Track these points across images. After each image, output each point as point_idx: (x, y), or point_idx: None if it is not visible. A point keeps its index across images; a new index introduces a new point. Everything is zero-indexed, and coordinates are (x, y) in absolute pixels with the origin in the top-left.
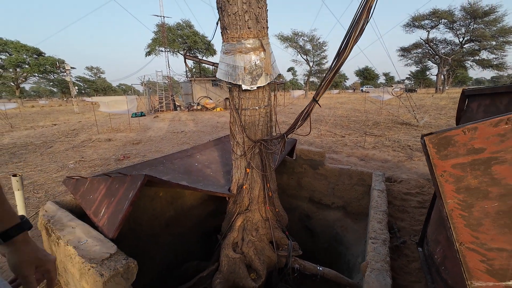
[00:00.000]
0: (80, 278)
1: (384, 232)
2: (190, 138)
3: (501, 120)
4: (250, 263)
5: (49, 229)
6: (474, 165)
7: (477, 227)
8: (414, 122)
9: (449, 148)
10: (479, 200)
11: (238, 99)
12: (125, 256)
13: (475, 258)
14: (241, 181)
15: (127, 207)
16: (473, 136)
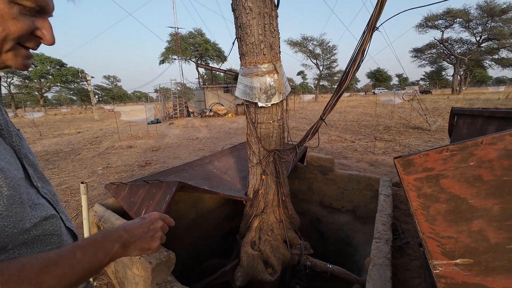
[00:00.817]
0: (131, 266)
1: (387, 233)
2: (205, 145)
3: (443, 149)
4: (267, 259)
5: (101, 227)
6: (428, 179)
7: (433, 222)
8: (426, 126)
9: (411, 167)
10: (433, 202)
11: (255, 114)
12: (166, 249)
13: (433, 243)
14: (257, 187)
15: (164, 209)
16: (426, 160)
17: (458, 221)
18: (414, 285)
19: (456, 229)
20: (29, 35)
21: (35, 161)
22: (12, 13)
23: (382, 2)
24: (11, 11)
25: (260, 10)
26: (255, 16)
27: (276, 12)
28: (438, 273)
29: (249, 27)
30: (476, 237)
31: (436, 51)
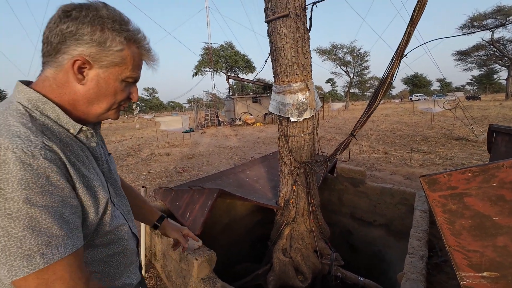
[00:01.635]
0: (179, 261)
1: (422, 249)
2: (235, 153)
3: (465, 170)
4: (298, 266)
5: None
6: (452, 196)
7: (459, 236)
8: (472, 137)
9: (436, 185)
10: (458, 218)
11: (287, 128)
12: (208, 249)
13: (460, 256)
14: (288, 196)
15: (207, 213)
16: (449, 179)
17: (483, 236)
18: None
19: (481, 244)
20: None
21: (117, 179)
22: (121, 88)
23: (410, 32)
24: (121, 87)
25: (293, 35)
26: (289, 40)
27: (308, 36)
28: (466, 284)
29: (283, 50)
30: (501, 252)
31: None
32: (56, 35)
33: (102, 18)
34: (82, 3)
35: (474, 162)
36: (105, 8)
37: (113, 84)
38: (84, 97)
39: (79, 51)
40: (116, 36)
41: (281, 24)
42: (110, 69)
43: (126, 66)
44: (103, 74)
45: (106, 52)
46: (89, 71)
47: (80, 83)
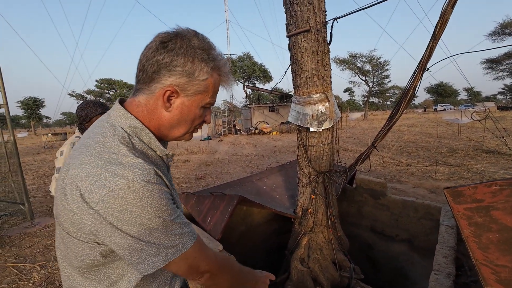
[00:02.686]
0: None
1: (449, 267)
2: (252, 162)
3: (492, 183)
4: (316, 277)
5: None
6: (478, 209)
7: (486, 250)
8: (505, 150)
9: (461, 198)
10: (485, 231)
11: (306, 138)
12: (229, 253)
13: (487, 271)
14: (306, 205)
15: (227, 218)
16: (474, 192)
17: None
18: None
19: (510, 259)
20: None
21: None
22: (200, 114)
23: (432, 47)
24: (199, 113)
25: (314, 49)
26: (309, 54)
27: (328, 49)
28: None
29: (304, 63)
30: None
31: None
32: (152, 65)
33: (194, 48)
34: (177, 32)
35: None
36: (196, 37)
37: (194, 111)
38: (168, 122)
39: (170, 81)
40: (204, 67)
41: (302, 38)
42: (194, 97)
43: (208, 93)
44: (187, 102)
45: (193, 82)
46: (176, 99)
47: (167, 110)
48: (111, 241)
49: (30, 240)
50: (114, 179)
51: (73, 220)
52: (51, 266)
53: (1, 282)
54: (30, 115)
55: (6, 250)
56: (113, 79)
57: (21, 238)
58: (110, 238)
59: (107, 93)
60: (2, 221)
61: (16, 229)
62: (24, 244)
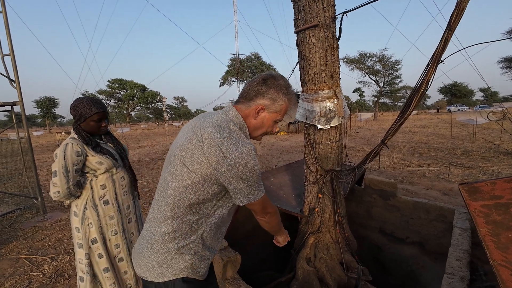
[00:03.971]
0: None
1: (463, 270)
2: (259, 161)
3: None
4: (322, 277)
5: None
6: (496, 206)
7: (505, 250)
8: None
9: (478, 194)
10: (504, 230)
11: (313, 135)
12: (233, 250)
13: (506, 272)
14: (313, 205)
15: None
16: (493, 188)
17: None
18: None
19: None
20: None
21: None
22: (272, 125)
23: (447, 38)
24: (272, 124)
25: (322, 44)
26: (318, 49)
27: (337, 44)
28: None
29: (312, 59)
30: None
31: None
32: (254, 91)
33: (280, 86)
34: (273, 74)
35: None
36: (282, 79)
37: (269, 123)
38: (253, 126)
39: (261, 102)
40: (283, 97)
41: (310, 34)
42: (272, 114)
43: (280, 113)
44: (268, 116)
45: (275, 104)
46: (261, 113)
47: (254, 119)
48: (229, 182)
49: (42, 233)
50: (243, 147)
51: (204, 165)
52: (61, 259)
53: (14, 273)
54: (45, 114)
55: (19, 242)
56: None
57: (34, 231)
58: (230, 181)
59: (118, 93)
60: (16, 214)
61: (30, 223)
62: (36, 237)
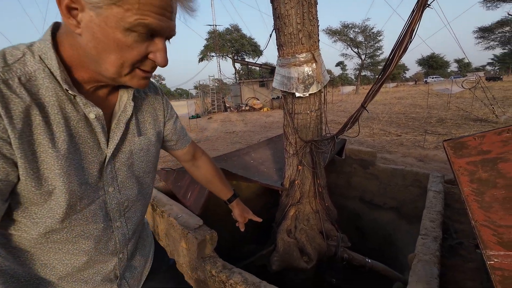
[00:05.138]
0: (180, 240)
1: (436, 230)
2: (241, 138)
3: (503, 130)
4: (303, 247)
5: (154, 205)
6: (483, 162)
7: (489, 209)
8: (492, 118)
9: (463, 150)
10: (489, 188)
11: (292, 105)
12: (209, 228)
13: (488, 232)
14: (293, 177)
15: (207, 193)
16: (482, 142)
17: None
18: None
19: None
20: (143, 58)
21: (139, 168)
22: (127, 42)
23: None
24: (125, 40)
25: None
26: (294, 5)
27: None
28: (493, 264)
29: (288, 17)
30: None
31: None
32: None
33: None
34: None
35: None
36: None
37: (112, 35)
38: (85, 52)
39: None
40: None
41: None
42: (105, 11)
43: (130, 5)
44: (97, 18)
45: None
46: (82, 14)
47: (76, 31)
48: None
49: None
50: None
51: None
52: None
53: None
54: None
55: None
56: None
57: None
58: None
59: None
60: None
61: None
62: None
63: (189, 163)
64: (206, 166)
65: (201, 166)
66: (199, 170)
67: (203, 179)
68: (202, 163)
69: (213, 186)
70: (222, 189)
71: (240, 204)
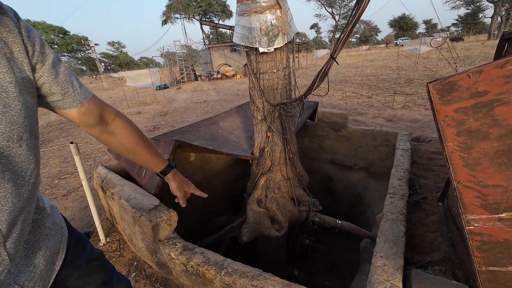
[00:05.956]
0: (133, 224)
1: (403, 188)
2: (213, 107)
3: (507, 61)
4: (273, 216)
5: (104, 187)
6: (476, 108)
7: (475, 166)
8: None
9: (453, 93)
10: (479, 141)
11: (256, 63)
12: (167, 208)
13: (471, 194)
14: (263, 145)
15: None
16: (477, 79)
17: None
18: (428, 240)
19: (508, 175)
20: None
21: None
22: None
23: None
24: None
25: None
26: None
27: None
28: (473, 229)
29: None
30: None
31: None
32: None
33: None
34: None
35: None
36: None
37: None
38: None
39: None
40: None
41: None
42: None
43: None
44: None
45: None
46: None
47: None
48: None
49: None
50: None
51: None
52: None
53: None
54: None
55: None
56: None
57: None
58: None
59: None
60: None
61: None
62: None
63: (96, 129)
64: (123, 132)
65: (116, 132)
66: (115, 138)
67: (123, 149)
68: (117, 128)
69: (138, 157)
70: (151, 160)
71: (177, 176)
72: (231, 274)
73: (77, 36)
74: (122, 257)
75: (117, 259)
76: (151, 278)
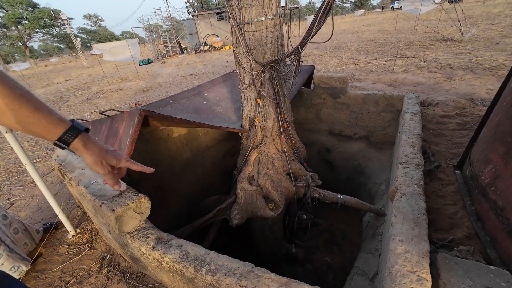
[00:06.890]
0: (96, 214)
1: (418, 156)
2: (200, 80)
3: None
4: (268, 194)
5: (62, 172)
6: None
7: None
8: (458, 36)
9: None
10: None
11: (239, 9)
12: (136, 193)
13: None
14: (253, 114)
15: (129, 145)
16: None
17: None
18: (448, 214)
19: None
20: None
21: None
22: None
23: None
24: None
25: None
26: None
27: None
28: None
29: None
30: None
31: None
32: None
33: None
34: None
35: (460, 61)
36: None
37: None
38: None
39: None
40: None
41: None
42: None
43: None
44: None
45: None
46: None
47: None
48: None
49: None
50: None
51: None
52: None
53: None
54: None
55: None
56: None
57: None
58: None
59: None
60: None
61: None
62: None
63: None
64: None
65: None
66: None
67: None
68: None
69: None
70: (35, 120)
71: (93, 144)
72: (214, 273)
73: (47, 9)
74: (94, 249)
75: (88, 253)
76: (125, 274)
